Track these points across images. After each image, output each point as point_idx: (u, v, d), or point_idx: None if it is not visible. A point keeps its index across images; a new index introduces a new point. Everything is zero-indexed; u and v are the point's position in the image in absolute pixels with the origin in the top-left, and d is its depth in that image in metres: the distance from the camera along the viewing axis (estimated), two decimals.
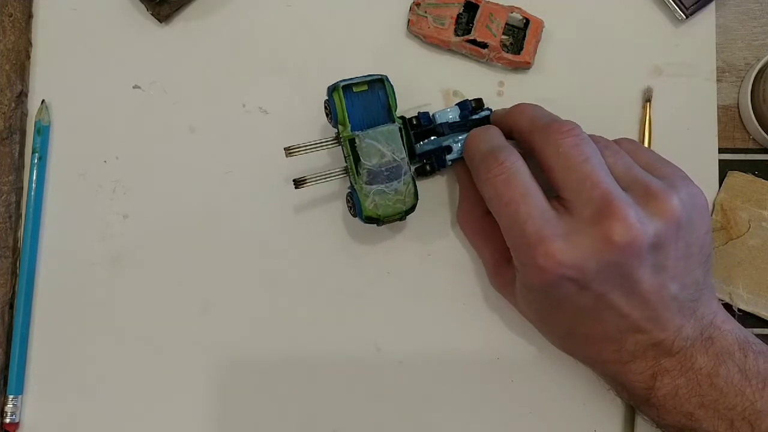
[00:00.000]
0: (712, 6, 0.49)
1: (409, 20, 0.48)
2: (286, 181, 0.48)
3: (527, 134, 0.42)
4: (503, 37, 0.48)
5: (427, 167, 0.45)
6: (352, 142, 0.43)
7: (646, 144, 0.48)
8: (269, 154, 0.48)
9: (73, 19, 0.49)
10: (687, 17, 0.48)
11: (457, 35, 0.47)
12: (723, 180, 0.48)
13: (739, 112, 0.49)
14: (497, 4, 0.48)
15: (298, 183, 0.44)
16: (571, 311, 0.40)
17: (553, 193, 0.40)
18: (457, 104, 0.46)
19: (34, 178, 0.48)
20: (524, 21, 0.48)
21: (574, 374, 0.46)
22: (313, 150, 0.43)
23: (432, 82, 0.49)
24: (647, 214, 0.38)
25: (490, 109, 0.46)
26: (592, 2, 0.49)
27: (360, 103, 0.44)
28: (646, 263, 0.38)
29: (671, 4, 0.48)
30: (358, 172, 0.43)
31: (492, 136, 0.43)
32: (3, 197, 0.47)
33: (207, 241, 0.48)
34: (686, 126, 0.48)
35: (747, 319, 0.47)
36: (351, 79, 0.44)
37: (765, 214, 0.47)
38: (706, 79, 0.49)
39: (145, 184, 0.48)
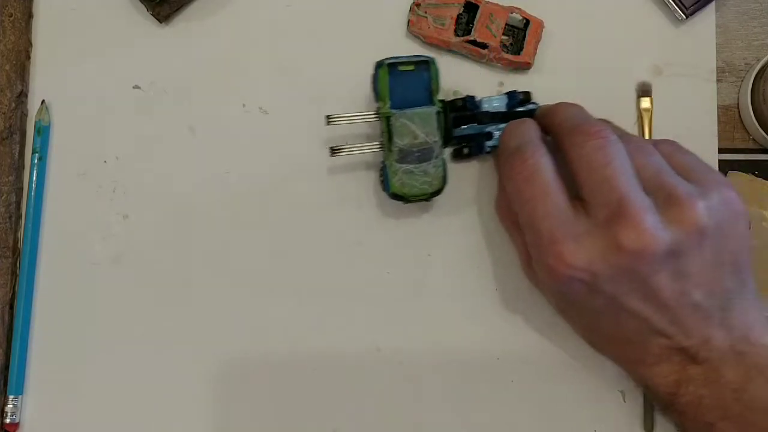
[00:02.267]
0: (712, 6, 0.49)
1: (409, 20, 0.48)
2: (285, 181, 0.48)
3: (559, 133, 0.42)
4: (503, 37, 0.48)
5: (465, 150, 0.46)
6: (388, 119, 0.43)
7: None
8: (269, 154, 0.48)
9: (73, 19, 0.49)
10: (687, 17, 0.48)
11: (457, 36, 0.47)
12: None
13: (739, 112, 0.49)
14: (497, 5, 0.48)
15: (334, 151, 0.45)
16: (586, 311, 0.40)
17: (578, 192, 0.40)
18: (505, 93, 0.46)
19: (34, 178, 0.48)
20: (524, 21, 0.48)
21: (574, 375, 0.46)
22: (353, 121, 0.44)
23: None
24: (666, 220, 0.37)
25: (537, 104, 0.46)
26: (592, 2, 0.49)
27: (404, 82, 0.44)
28: (664, 269, 0.38)
29: (671, 4, 0.48)
30: (390, 149, 0.43)
31: (524, 130, 0.43)
32: (3, 197, 0.47)
33: (207, 241, 0.48)
34: (686, 126, 0.48)
35: None
36: (398, 57, 0.44)
37: (765, 214, 0.47)
38: (706, 79, 0.49)
39: (145, 184, 0.48)
